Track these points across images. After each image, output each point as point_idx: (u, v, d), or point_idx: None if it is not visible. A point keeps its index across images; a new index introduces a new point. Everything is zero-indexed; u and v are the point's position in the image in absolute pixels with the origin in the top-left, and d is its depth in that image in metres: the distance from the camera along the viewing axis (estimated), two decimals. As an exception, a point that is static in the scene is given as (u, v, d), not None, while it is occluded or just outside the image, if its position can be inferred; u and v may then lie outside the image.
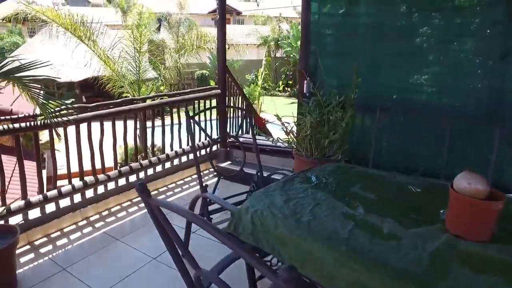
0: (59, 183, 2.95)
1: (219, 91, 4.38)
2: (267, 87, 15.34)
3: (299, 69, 3.91)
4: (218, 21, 4.29)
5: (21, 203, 2.55)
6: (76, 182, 2.95)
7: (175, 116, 4.01)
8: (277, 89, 18.52)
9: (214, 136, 4.51)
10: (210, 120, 4.43)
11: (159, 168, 3.78)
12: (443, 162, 2.63)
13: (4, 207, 2.38)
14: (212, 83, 18.76)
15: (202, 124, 4.26)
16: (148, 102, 3.51)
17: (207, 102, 4.40)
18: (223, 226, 2.26)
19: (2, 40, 19.03)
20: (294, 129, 3.80)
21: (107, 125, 3.21)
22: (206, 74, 18.15)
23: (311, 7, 3.70)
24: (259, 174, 2.58)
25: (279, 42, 18.57)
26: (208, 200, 2.19)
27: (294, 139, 3.62)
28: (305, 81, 3.82)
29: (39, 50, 15.44)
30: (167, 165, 3.89)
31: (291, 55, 18.25)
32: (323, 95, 3.65)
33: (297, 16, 33.00)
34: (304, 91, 3.87)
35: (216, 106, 3.89)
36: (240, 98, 5.03)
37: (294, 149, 3.67)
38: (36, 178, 2.80)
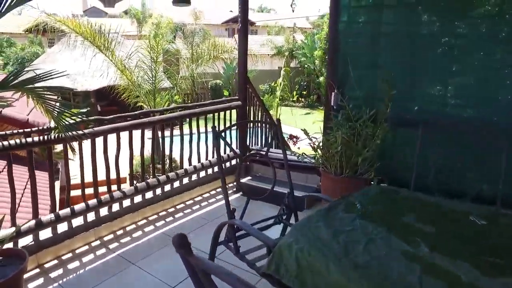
0: (72, 193, 2.77)
1: (239, 102, 4.18)
2: (281, 97, 15.10)
3: (327, 80, 3.68)
4: (240, 30, 4.11)
5: (31, 223, 2.36)
6: (90, 200, 2.75)
7: (192, 126, 3.81)
8: (291, 99, 18.31)
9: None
10: (230, 130, 4.21)
11: (176, 183, 3.57)
12: (499, 185, 2.33)
13: (14, 229, 2.19)
14: (226, 93, 18.71)
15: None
16: (167, 114, 3.32)
17: (226, 113, 4.20)
18: (252, 255, 2.02)
19: (23, 51, 19.53)
20: (321, 144, 3.57)
21: (123, 135, 3.03)
22: (220, 84, 18.10)
23: (340, 16, 3.49)
24: (290, 194, 2.33)
25: (293, 52, 18.43)
26: (235, 226, 1.95)
27: (321, 155, 3.37)
28: (333, 93, 3.58)
29: (57, 60, 15.69)
30: (185, 180, 3.67)
31: (306, 65, 18.08)
32: (352, 108, 3.42)
33: (310, 26, 33.10)
34: (332, 104, 3.63)
35: (246, 121, 3.50)
36: (260, 109, 4.82)
37: (322, 166, 3.41)
38: (49, 189, 2.61)
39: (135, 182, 3.16)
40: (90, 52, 7.16)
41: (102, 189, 2.92)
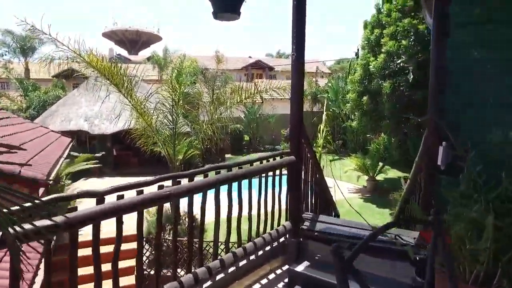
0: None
1: (292, 158, 3.06)
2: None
3: (429, 128, 2.54)
4: (294, 63, 3.11)
5: None
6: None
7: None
8: (314, 144, 17.25)
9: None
10: (280, 175, 3.02)
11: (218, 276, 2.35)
12: None
13: None
14: (246, 138, 17.85)
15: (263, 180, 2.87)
16: (201, 180, 2.20)
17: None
18: None
19: (47, 94, 19.84)
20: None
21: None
22: (240, 129, 17.30)
23: (446, 37, 2.45)
24: None
25: (318, 96, 17.74)
26: None
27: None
28: (442, 147, 2.42)
29: (77, 102, 15.41)
30: (219, 276, 2.45)
31: (331, 110, 17.20)
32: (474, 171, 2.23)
33: (328, 71, 33.08)
34: (439, 162, 2.45)
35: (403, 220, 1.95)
36: (310, 164, 3.66)
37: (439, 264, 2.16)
38: None
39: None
40: (109, 95, 6.44)
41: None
